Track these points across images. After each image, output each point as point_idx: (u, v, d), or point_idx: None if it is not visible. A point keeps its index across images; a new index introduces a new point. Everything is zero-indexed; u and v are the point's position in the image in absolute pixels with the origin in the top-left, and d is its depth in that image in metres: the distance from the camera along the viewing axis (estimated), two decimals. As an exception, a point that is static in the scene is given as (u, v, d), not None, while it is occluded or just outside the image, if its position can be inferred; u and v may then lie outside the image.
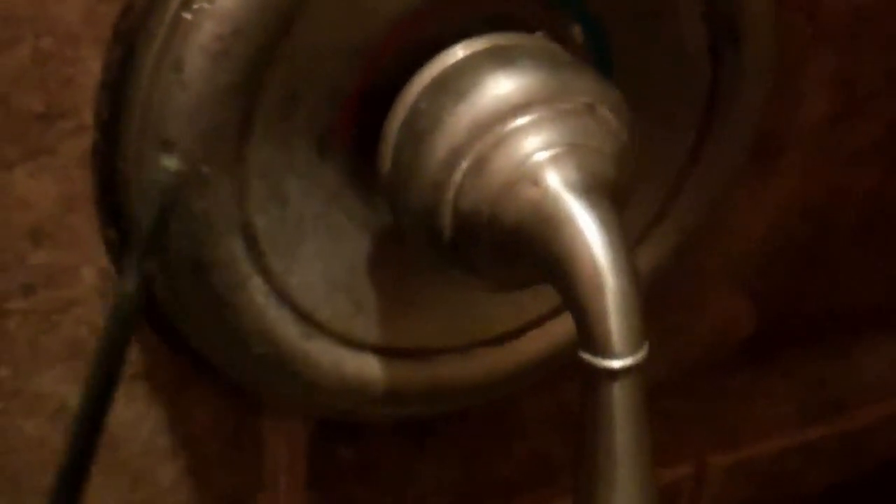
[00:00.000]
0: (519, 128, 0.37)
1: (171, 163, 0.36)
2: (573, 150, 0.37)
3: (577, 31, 0.43)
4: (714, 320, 0.59)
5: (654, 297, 0.50)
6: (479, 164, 0.37)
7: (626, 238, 0.36)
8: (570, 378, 0.52)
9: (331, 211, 0.42)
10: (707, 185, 0.49)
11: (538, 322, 0.48)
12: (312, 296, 0.43)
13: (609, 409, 0.35)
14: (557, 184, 0.37)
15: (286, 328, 0.42)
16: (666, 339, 0.58)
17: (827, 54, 0.53)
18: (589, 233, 0.36)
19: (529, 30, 0.42)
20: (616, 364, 0.35)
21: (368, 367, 0.45)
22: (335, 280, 0.43)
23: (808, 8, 0.51)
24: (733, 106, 0.47)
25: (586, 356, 0.36)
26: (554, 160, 0.37)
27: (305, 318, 0.43)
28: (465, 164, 0.37)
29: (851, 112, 0.55)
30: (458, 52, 0.40)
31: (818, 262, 0.60)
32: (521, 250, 0.37)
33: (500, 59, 0.39)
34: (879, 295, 0.63)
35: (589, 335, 0.36)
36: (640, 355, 0.36)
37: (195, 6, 0.36)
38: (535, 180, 0.37)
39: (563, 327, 0.48)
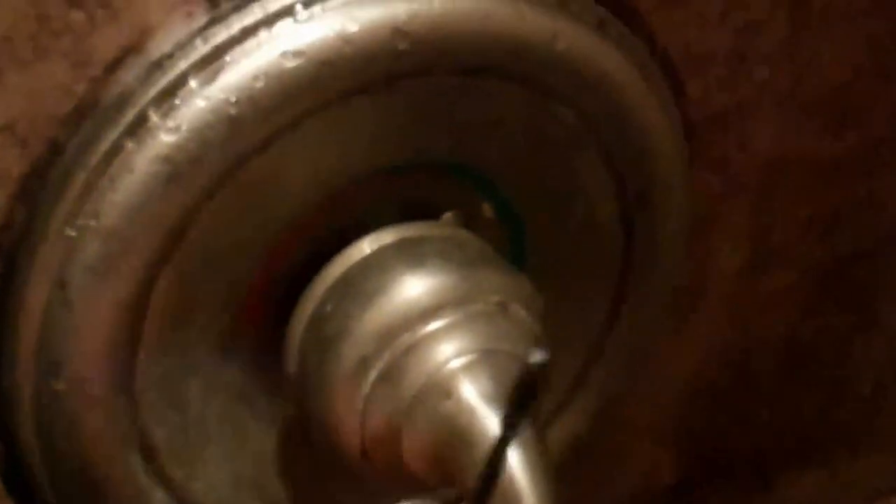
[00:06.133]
0: (430, 334, 0.36)
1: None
2: (486, 357, 0.36)
3: (486, 208, 0.42)
4: (638, 469, 0.58)
5: (577, 456, 0.49)
6: (389, 375, 0.36)
7: (545, 453, 0.34)
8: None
9: (235, 410, 0.40)
10: (627, 348, 0.48)
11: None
12: (218, 499, 0.41)
13: None
14: (472, 395, 0.35)
15: (193, 535, 0.40)
16: (592, 493, 0.57)
17: (740, 208, 0.52)
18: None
19: (438, 210, 0.41)
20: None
21: (286, 569, 0.42)
22: (243, 480, 0.41)
23: (716, 166, 0.50)
24: (648, 271, 0.46)
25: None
26: (467, 369, 0.35)
27: (213, 522, 0.40)
28: (373, 375, 0.36)
29: (766, 261, 0.55)
30: (365, 247, 0.38)
31: (739, 405, 0.59)
32: (434, 466, 0.35)
33: (408, 256, 0.38)
34: (800, 430, 0.63)
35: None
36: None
37: (79, 222, 0.35)
38: (447, 392, 0.35)
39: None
